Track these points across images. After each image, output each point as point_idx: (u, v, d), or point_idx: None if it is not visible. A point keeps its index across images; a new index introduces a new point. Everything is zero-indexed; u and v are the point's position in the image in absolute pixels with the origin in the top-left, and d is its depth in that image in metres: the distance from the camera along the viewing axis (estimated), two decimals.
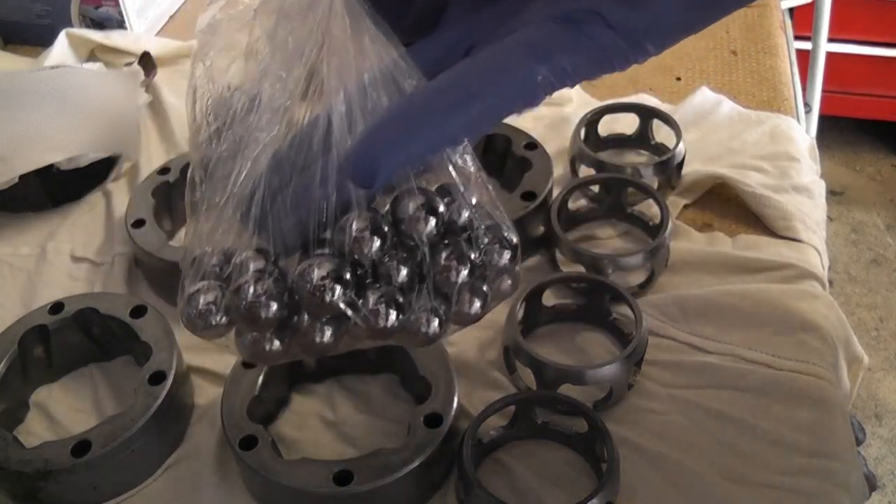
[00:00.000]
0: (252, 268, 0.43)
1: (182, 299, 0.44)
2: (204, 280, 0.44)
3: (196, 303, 0.43)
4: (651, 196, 0.71)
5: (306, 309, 0.43)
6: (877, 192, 2.13)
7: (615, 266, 0.67)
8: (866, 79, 2.07)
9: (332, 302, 0.41)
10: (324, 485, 0.53)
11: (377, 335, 0.43)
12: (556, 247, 0.69)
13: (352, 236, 0.42)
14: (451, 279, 0.43)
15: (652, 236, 0.71)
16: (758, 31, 0.97)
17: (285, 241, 0.43)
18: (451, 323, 0.45)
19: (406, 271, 0.43)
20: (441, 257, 0.43)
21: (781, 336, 0.63)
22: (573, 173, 0.78)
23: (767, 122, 0.82)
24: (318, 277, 0.41)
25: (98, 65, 0.93)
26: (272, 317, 0.42)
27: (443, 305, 0.44)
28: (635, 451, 0.57)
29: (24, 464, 0.55)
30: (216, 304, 0.43)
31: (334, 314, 0.42)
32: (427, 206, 0.43)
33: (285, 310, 0.43)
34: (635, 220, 0.73)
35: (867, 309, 1.84)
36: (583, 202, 0.75)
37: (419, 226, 0.43)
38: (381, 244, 0.42)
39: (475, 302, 0.45)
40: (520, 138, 0.76)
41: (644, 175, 0.74)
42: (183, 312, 0.44)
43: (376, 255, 0.42)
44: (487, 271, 0.45)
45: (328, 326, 0.43)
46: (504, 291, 0.47)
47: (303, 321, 0.43)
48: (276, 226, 0.43)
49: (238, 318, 0.43)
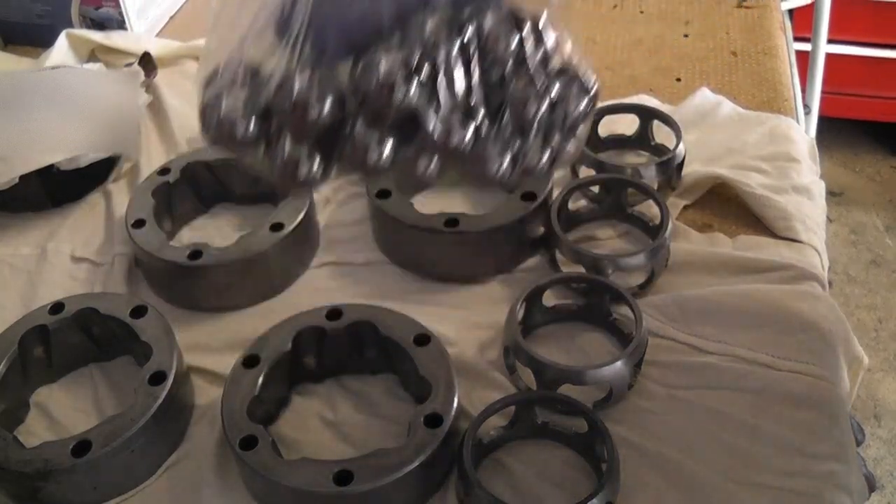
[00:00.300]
0: (293, 72, 0.36)
1: (201, 108, 0.38)
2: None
3: (219, 107, 0.37)
4: (651, 197, 0.71)
5: (370, 109, 0.36)
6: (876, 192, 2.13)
7: (615, 266, 0.67)
8: (866, 80, 2.07)
9: (403, 99, 0.35)
10: (324, 485, 0.53)
11: (445, 152, 0.37)
12: (557, 247, 0.69)
13: (429, 32, 0.35)
14: (528, 111, 0.38)
15: (652, 237, 0.71)
16: (758, 33, 0.97)
17: (333, 44, 0.37)
18: (520, 168, 0.39)
19: (482, 89, 0.37)
20: (520, 85, 0.38)
21: (781, 336, 0.63)
22: (573, 174, 0.78)
23: (767, 123, 0.82)
24: (388, 70, 0.35)
25: (98, 65, 0.93)
26: (323, 119, 0.35)
27: (517, 141, 0.38)
28: (635, 451, 0.57)
29: (24, 464, 0.55)
30: (244, 109, 0.36)
31: (401, 117, 0.36)
32: (510, 24, 0.37)
33: (337, 114, 0.35)
34: (635, 221, 0.73)
35: (866, 310, 1.84)
36: (583, 203, 0.75)
37: (502, 43, 0.37)
38: (460, 52, 0.36)
39: (545, 153, 0.39)
40: None
41: (644, 176, 0.74)
42: (204, 121, 0.37)
43: (454, 62, 0.36)
44: (563, 113, 0.39)
45: (387, 138, 0.36)
46: (568, 154, 0.41)
47: (355, 133, 0.36)
48: (321, 30, 0.36)
49: (278, 124, 0.36)
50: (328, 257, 0.74)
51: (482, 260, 0.71)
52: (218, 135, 0.38)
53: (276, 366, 0.61)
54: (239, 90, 0.37)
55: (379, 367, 0.64)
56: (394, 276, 0.72)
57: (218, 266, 0.68)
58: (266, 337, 0.62)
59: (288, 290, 0.72)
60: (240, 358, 0.61)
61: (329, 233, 0.76)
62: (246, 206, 0.79)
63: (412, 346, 0.60)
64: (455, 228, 0.68)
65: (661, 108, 0.82)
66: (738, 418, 0.59)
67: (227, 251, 0.69)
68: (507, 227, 0.69)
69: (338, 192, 0.80)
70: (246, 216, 0.78)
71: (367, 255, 0.74)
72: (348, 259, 0.74)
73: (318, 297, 0.68)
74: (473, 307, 0.69)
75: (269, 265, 0.70)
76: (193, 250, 0.69)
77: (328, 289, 0.72)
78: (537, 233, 0.72)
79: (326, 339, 0.63)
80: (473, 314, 0.68)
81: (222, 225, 0.78)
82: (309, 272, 0.73)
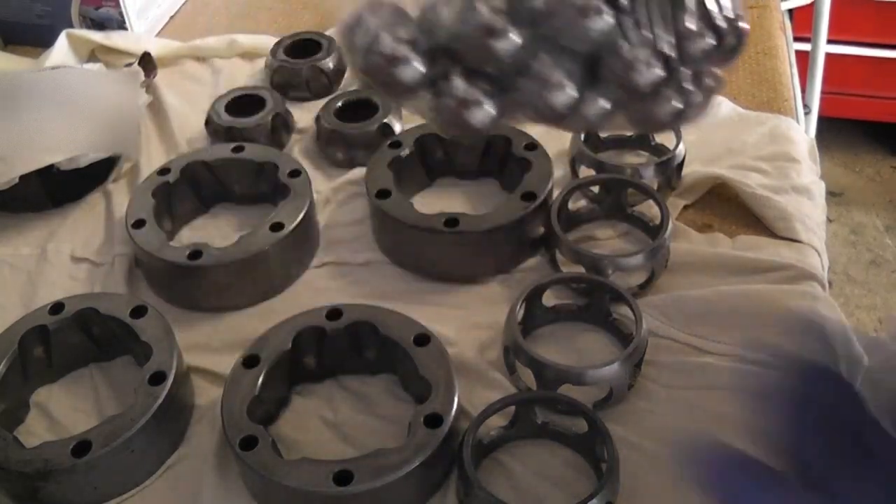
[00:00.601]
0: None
1: (357, 46, 0.33)
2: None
3: (381, 44, 0.32)
4: (651, 197, 0.71)
5: (558, 41, 0.32)
6: (876, 193, 2.13)
7: (615, 267, 0.67)
8: (865, 80, 2.07)
9: (600, 27, 0.31)
10: (324, 485, 0.53)
11: (633, 91, 0.33)
12: (557, 247, 0.69)
13: None
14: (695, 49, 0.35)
15: (652, 237, 0.71)
16: (757, 33, 0.97)
17: None
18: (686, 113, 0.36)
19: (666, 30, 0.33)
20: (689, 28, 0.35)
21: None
22: (573, 174, 0.78)
23: (767, 123, 0.82)
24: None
25: (98, 65, 0.93)
26: (508, 51, 0.31)
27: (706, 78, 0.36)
28: (635, 451, 0.57)
29: (24, 464, 0.55)
30: (410, 46, 0.32)
31: (592, 50, 0.32)
32: None
33: (523, 49, 0.31)
34: (635, 221, 0.73)
35: (866, 310, 1.84)
36: (583, 203, 0.75)
37: None
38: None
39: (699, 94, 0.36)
40: (520, 139, 0.76)
41: (644, 176, 0.74)
42: (360, 58, 0.33)
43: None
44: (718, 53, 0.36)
45: (571, 79, 0.33)
46: (709, 87, 0.39)
47: (540, 69, 0.33)
48: None
49: (446, 66, 0.32)
50: (328, 257, 0.74)
51: (482, 260, 0.71)
52: (378, 79, 0.34)
53: (276, 366, 0.61)
54: (398, 29, 0.34)
55: (379, 368, 0.64)
56: (394, 276, 0.72)
57: (218, 266, 0.68)
58: (266, 337, 0.62)
59: (288, 290, 0.72)
60: (240, 358, 0.61)
61: (329, 233, 0.76)
62: (246, 206, 0.79)
63: (412, 346, 0.60)
64: (455, 228, 0.68)
65: None
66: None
67: (227, 251, 0.69)
68: (507, 227, 0.69)
69: (338, 192, 0.80)
70: (246, 216, 0.78)
71: (367, 255, 0.74)
72: (348, 259, 0.74)
73: (318, 297, 0.68)
74: (473, 307, 0.69)
75: (269, 265, 0.70)
76: (193, 250, 0.69)
77: (328, 289, 0.72)
78: (537, 233, 0.72)
79: (326, 339, 0.63)
80: (473, 314, 0.68)
81: (222, 225, 0.78)
82: (309, 272, 0.73)
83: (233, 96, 0.86)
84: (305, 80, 0.90)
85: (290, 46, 0.93)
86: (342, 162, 0.82)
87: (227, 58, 0.98)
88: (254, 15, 1.08)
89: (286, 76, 0.90)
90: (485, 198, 0.78)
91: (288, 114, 0.86)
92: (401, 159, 0.75)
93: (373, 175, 0.74)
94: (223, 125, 0.83)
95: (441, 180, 0.80)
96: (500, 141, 0.77)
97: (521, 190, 0.71)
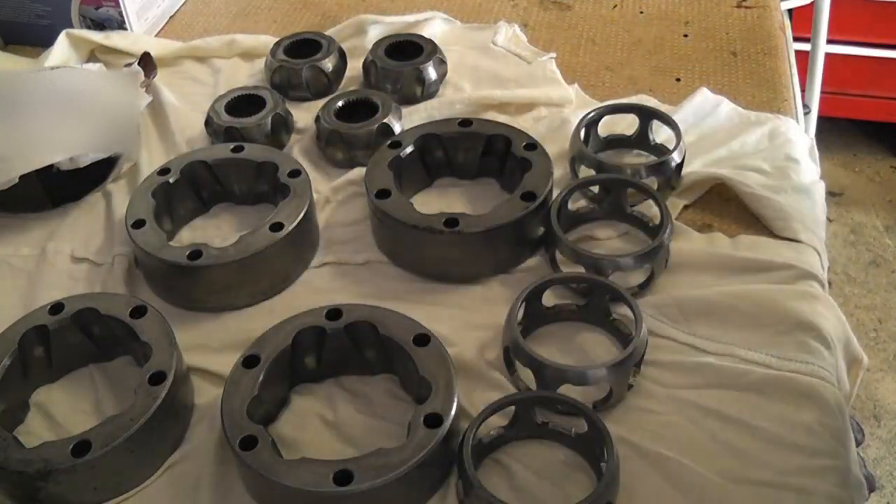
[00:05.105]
0: None
1: None
2: None
3: None
4: (651, 197, 0.71)
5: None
6: (875, 193, 2.13)
7: (615, 266, 0.67)
8: (865, 80, 2.07)
9: None
10: (324, 485, 0.53)
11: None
12: (556, 247, 0.70)
13: None
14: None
15: (652, 237, 0.71)
16: (757, 33, 0.97)
17: None
18: None
19: None
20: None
21: (781, 336, 0.63)
22: (573, 174, 0.78)
23: (767, 124, 0.82)
24: None
25: (98, 65, 0.93)
26: None
27: None
28: (635, 451, 0.57)
29: (24, 464, 0.55)
30: None
31: None
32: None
33: None
34: (635, 221, 0.73)
35: (866, 310, 1.84)
36: (583, 203, 0.75)
37: None
38: None
39: None
40: (520, 139, 0.76)
41: (644, 176, 0.74)
42: None
43: None
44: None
45: None
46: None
47: None
48: None
49: None
50: (328, 257, 0.74)
51: (482, 260, 0.71)
52: None
53: (275, 366, 0.61)
54: None
55: (379, 368, 0.64)
56: (394, 276, 0.72)
57: (217, 266, 0.68)
58: (266, 337, 0.62)
59: (288, 290, 0.72)
60: (240, 358, 0.61)
61: (329, 233, 0.76)
62: (246, 206, 0.79)
63: (412, 346, 0.60)
64: (455, 228, 0.68)
65: (661, 109, 0.82)
66: (738, 418, 0.59)
67: (227, 251, 0.69)
68: (507, 227, 0.69)
69: (337, 192, 0.80)
70: (246, 216, 0.78)
71: (366, 255, 0.74)
72: (348, 259, 0.74)
73: (318, 297, 0.68)
74: (473, 307, 0.69)
75: (269, 265, 0.70)
76: (193, 250, 0.69)
77: (328, 289, 0.72)
78: (537, 233, 0.72)
79: (326, 339, 0.63)
80: (473, 314, 0.68)
81: (222, 225, 0.78)
82: (309, 272, 0.73)
83: (233, 96, 0.86)
84: (305, 80, 0.90)
85: (289, 46, 0.93)
86: (342, 162, 0.82)
87: (227, 58, 0.98)
88: (254, 15, 1.08)
89: (286, 76, 0.90)
90: (485, 198, 0.78)
91: (288, 114, 0.86)
92: (401, 159, 0.76)
93: (373, 175, 0.74)
94: (223, 125, 0.83)
95: (441, 180, 0.80)
96: (500, 141, 0.77)
97: (521, 190, 0.71)
